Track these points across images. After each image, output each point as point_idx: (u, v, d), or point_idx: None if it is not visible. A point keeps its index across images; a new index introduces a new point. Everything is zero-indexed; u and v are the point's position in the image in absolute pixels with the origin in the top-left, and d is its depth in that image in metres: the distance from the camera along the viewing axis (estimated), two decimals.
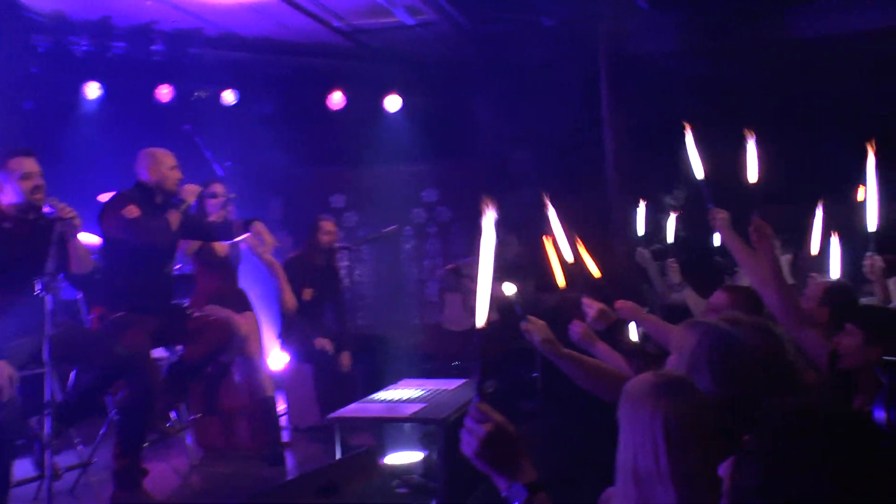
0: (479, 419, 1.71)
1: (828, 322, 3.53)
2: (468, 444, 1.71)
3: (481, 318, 1.72)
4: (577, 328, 3.34)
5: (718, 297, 3.40)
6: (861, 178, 4.23)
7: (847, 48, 7.54)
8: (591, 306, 3.39)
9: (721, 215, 3.47)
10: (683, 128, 3.63)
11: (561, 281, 3.57)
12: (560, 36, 7.07)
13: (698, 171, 3.50)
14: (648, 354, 3.27)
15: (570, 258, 3.48)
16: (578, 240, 3.62)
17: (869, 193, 4.25)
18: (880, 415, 0.77)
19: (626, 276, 6.05)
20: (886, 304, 4.23)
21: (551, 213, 3.46)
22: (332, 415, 4.62)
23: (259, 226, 5.32)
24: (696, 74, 7.58)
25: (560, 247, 3.48)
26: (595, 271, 3.67)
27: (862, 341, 2.94)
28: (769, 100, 8.26)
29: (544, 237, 3.61)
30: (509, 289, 3.15)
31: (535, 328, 3.15)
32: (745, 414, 2.36)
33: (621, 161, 6.63)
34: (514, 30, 7.61)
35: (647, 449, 1.95)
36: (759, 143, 3.40)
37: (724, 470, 1.49)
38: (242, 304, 5.79)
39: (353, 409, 4.74)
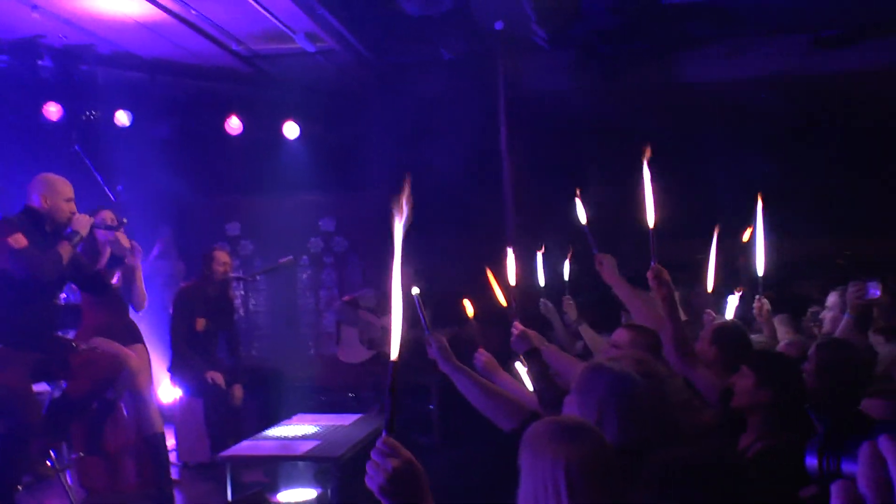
0: (387, 454, 1.68)
1: (714, 361, 3.65)
2: (373, 479, 1.67)
3: (395, 351, 1.71)
4: (481, 357, 3.35)
5: (620, 335, 3.44)
6: (749, 220, 4.45)
7: (731, 94, 7.97)
8: (517, 327, 3.41)
9: (606, 261, 3.54)
10: (578, 167, 3.73)
11: (503, 301, 3.62)
12: (459, 70, 7.17)
13: (582, 217, 3.57)
14: (554, 384, 3.30)
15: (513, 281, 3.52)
16: (488, 270, 3.66)
17: (757, 238, 4.46)
18: (812, 462, 0.79)
19: (527, 312, 6.13)
20: (774, 343, 4.43)
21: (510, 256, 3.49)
22: (224, 453, 4.49)
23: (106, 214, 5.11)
24: (592, 113, 7.84)
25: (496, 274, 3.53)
26: (502, 300, 3.71)
27: (753, 383, 3.04)
28: (660, 141, 8.61)
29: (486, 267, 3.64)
30: (414, 290, 3.15)
31: (436, 337, 3.17)
32: (645, 460, 2.41)
33: (520, 196, 6.75)
34: (414, 62, 7.66)
35: (549, 494, 1.95)
36: (652, 184, 3.49)
37: None
38: (132, 337, 5.52)
39: (245, 447, 4.61)
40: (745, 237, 4.99)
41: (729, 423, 3.23)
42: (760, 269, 4.45)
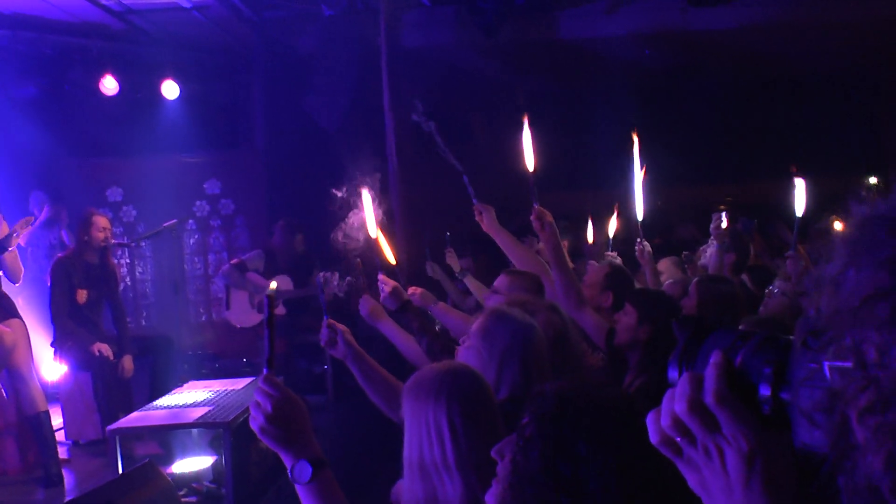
0: (266, 392, 1.67)
1: (612, 305, 3.79)
2: (255, 419, 1.67)
3: (272, 285, 1.73)
4: (366, 304, 3.34)
5: (501, 280, 3.49)
6: (614, 170, 4.59)
7: (610, 50, 8.16)
8: (387, 283, 3.41)
9: (486, 211, 3.60)
10: (462, 121, 3.74)
11: (392, 260, 3.60)
12: (340, 26, 7.04)
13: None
14: (437, 335, 3.35)
15: (373, 232, 3.50)
16: (378, 227, 3.64)
17: (635, 184, 4.61)
18: (672, 374, 0.83)
19: (415, 268, 6.18)
20: (658, 284, 4.63)
21: (366, 198, 3.45)
22: (112, 426, 4.37)
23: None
24: (474, 68, 7.88)
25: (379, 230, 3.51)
26: (391, 258, 3.71)
27: (635, 320, 3.19)
28: (541, 95, 8.77)
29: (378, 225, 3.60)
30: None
31: (336, 326, 3.09)
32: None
33: (403, 151, 6.75)
34: (294, 17, 7.47)
35: (433, 440, 1.98)
36: (533, 136, 3.55)
37: (496, 453, 1.55)
38: (7, 311, 5.24)
39: (134, 419, 4.50)
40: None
41: (614, 363, 3.38)
42: (640, 214, 4.62)
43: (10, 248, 5.19)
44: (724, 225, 4.53)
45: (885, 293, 0.60)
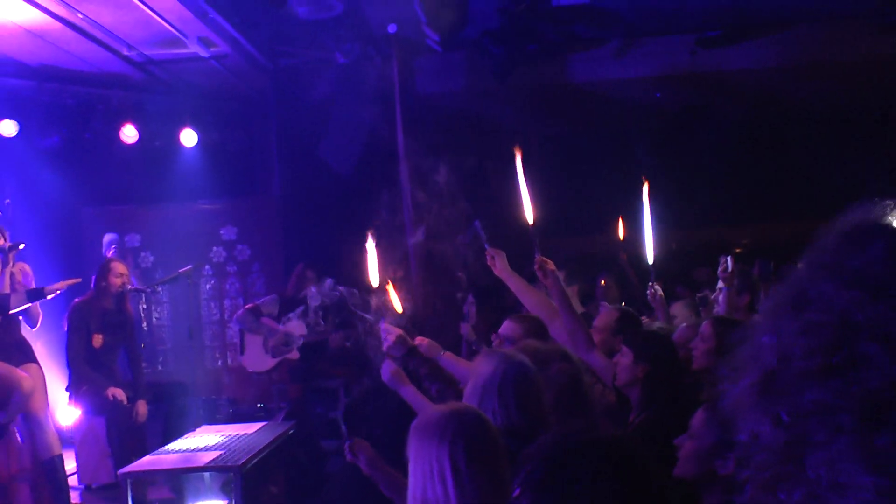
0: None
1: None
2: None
3: None
4: (388, 368, 3.34)
5: (507, 326, 3.53)
6: (626, 213, 4.62)
7: (619, 93, 8.23)
8: (391, 332, 3.42)
9: (497, 256, 3.63)
10: (475, 166, 3.79)
11: (399, 307, 3.62)
12: (354, 73, 7.17)
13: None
14: (447, 379, 3.35)
15: (375, 282, 3.52)
16: (386, 275, 3.67)
17: (645, 228, 4.64)
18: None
19: (429, 316, 6.20)
20: (671, 328, 4.61)
21: (370, 246, 3.49)
22: (123, 469, 4.37)
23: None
24: (485, 113, 7.96)
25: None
26: (398, 307, 3.72)
27: (631, 360, 3.21)
28: (548, 139, 8.83)
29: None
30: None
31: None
32: (530, 441, 2.48)
33: (418, 197, 6.81)
34: (309, 65, 7.62)
35: (436, 479, 1.99)
36: (542, 180, 3.61)
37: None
38: (24, 356, 5.30)
39: (145, 463, 4.51)
40: (621, 233, 5.17)
41: (622, 402, 3.38)
42: (650, 258, 4.64)
43: (47, 297, 5.26)
44: (730, 268, 4.52)
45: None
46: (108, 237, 7.38)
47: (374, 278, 3.50)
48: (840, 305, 0.68)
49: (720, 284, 4.82)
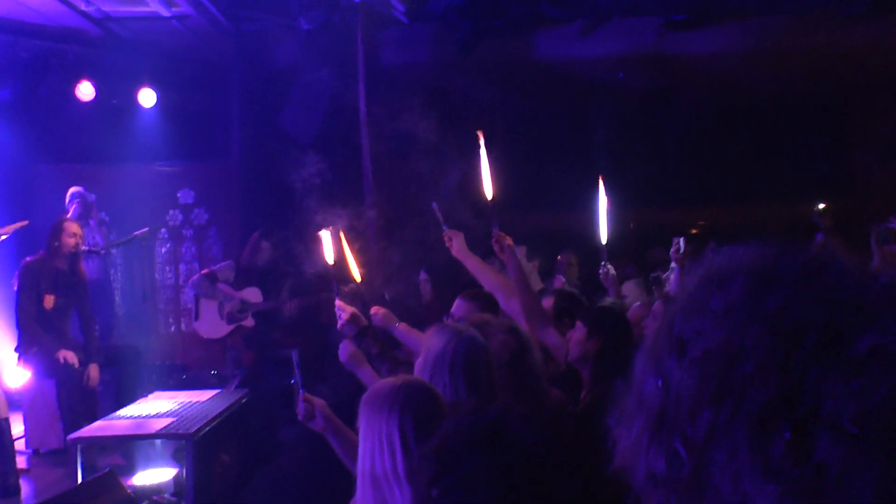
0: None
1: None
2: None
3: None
4: (346, 349, 3.33)
5: (458, 305, 3.56)
6: (588, 191, 4.67)
7: (585, 71, 8.25)
8: (345, 310, 3.42)
9: (455, 236, 3.64)
10: (438, 139, 3.78)
11: (357, 276, 3.60)
12: (318, 40, 7.07)
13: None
14: (397, 360, 3.37)
15: (331, 259, 3.50)
16: (345, 242, 3.65)
17: (599, 210, 4.71)
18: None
19: (382, 285, 6.20)
20: (624, 307, 4.69)
21: (325, 235, 3.46)
22: (73, 435, 4.33)
23: None
24: (450, 87, 7.91)
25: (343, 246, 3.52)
26: (357, 275, 3.71)
27: (584, 334, 3.24)
28: (512, 115, 8.83)
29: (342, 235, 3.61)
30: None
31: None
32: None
33: (379, 167, 6.77)
34: (272, 30, 7.49)
35: (385, 451, 2.01)
36: (505, 156, 3.62)
37: None
38: None
39: (96, 428, 4.47)
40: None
41: (572, 380, 3.43)
42: (604, 238, 4.72)
43: None
44: (682, 249, 4.61)
45: None
46: (72, 190, 7.16)
47: (328, 253, 3.48)
48: (713, 338, 0.73)
49: (673, 265, 4.92)
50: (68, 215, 6.55)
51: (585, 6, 6.96)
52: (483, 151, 3.55)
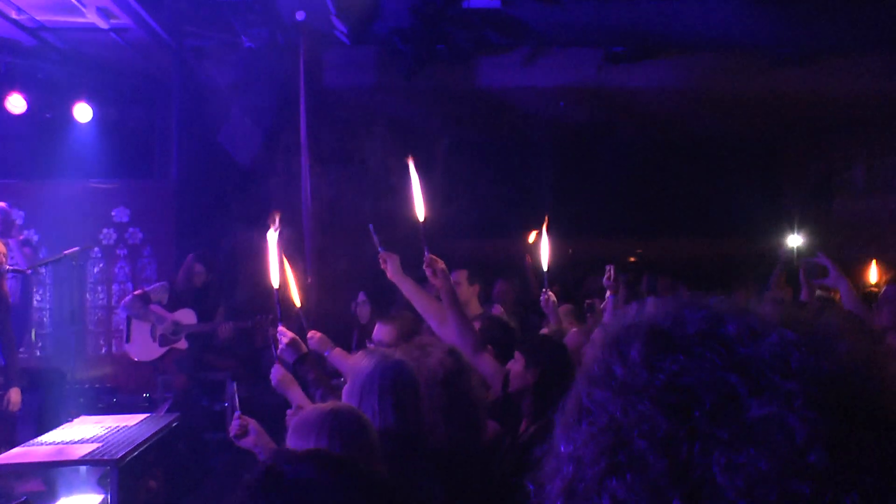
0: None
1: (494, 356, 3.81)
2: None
3: None
4: (277, 372, 3.28)
5: (380, 330, 3.54)
6: (527, 219, 4.73)
7: (525, 101, 8.36)
8: (285, 335, 3.38)
9: (390, 259, 3.61)
10: (379, 164, 3.76)
11: (298, 302, 3.56)
12: (260, 59, 7.00)
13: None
14: (331, 387, 3.32)
15: (276, 283, 3.45)
16: (289, 267, 3.61)
17: (542, 241, 4.81)
18: None
19: (320, 306, 6.13)
20: (562, 332, 4.71)
21: (272, 237, 3.42)
22: None
23: None
24: (391, 112, 7.91)
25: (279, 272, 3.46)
26: (297, 300, 3.67)
27: (523, 365, 3.22)
28: (459, 142, 8.88)
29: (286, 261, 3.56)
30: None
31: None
32: (411, 444, 2.49)
33: (318, 189, 6.70)
34: (214, 47, 7.39)
35: None
36: (447, 182, 3.63)
37: None
38: None
39: (14, 455, 4.28)
40: (532, 238, 5.31)
41: (509, 410, 3.41)
42: (545, 265, 4.79)
43: None
44: (612, 276, 4.70)
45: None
46: None
47: (273, 273, 3.42)
48: (612, 410, 0.75)
49: (608, 293, 4.98)
50: None
51: (528, 35, 7.04)
52: (413, 174, 3.54)
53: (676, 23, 6.83)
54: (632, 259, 10.66)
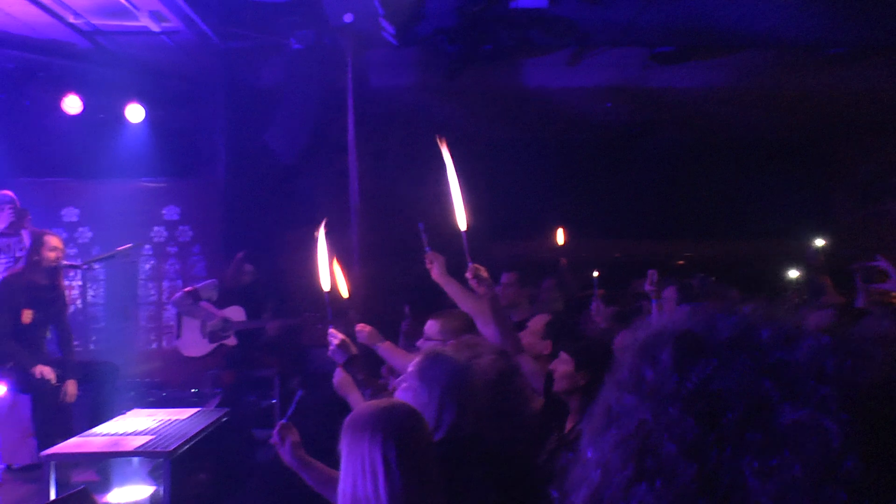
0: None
1: (551, 353, 3.84)
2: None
3: None
4: (338, 375, 3.32)
5: (431, 325, 3.54)
6: (569, 220, 4.73)
7: (570, 101, 8.33)
8: (335, 336, 3.41)
9: (436, 260, 3.64)
10: (423, 164, 3.77)
11: (345, 294, 3.60)
12: (307, 60, 7.10)
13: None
14: (380, 387, 3.36)
15: (326, 285, 3.49)
16: (337, 262, 3.65)
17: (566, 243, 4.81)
18: None
19: (368, 303, 6.19)
20: (611, 334, 4.71)
21: (321, 240, 3.46)
22: (46, 452, 4.27)
23: None
24: (436, 112, 7.94)
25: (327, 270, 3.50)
26: (345, 293, 3.70)
27: (572, 368, 3.24)
28: (502, 141, 8.89)
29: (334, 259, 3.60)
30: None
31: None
32: (467, 445, 2.51)
33: (365, 189, 6.77)
34: (261, 48, 7.52)
35: (367, 475, 2.00)
36: (488, 183, 3.63)
37: None
38: None
39: (71, 445, 4.41)
40: (560, 239, 5.31)
41: (555, 407, 3.42)
42: (595, 272, 4.79)
43: None
44: (654, 281, 4.68)
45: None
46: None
47: (324, 275, 3.46)
48: (641, 415, 0.76)
49: (666, 294, 4.97)
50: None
51: (573, 34, 7.03)
52: (454, 184, 3.54)
53: (723, 21, 6.76)
54: (680, 262, 10.54)
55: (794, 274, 7.58)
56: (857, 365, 0.71)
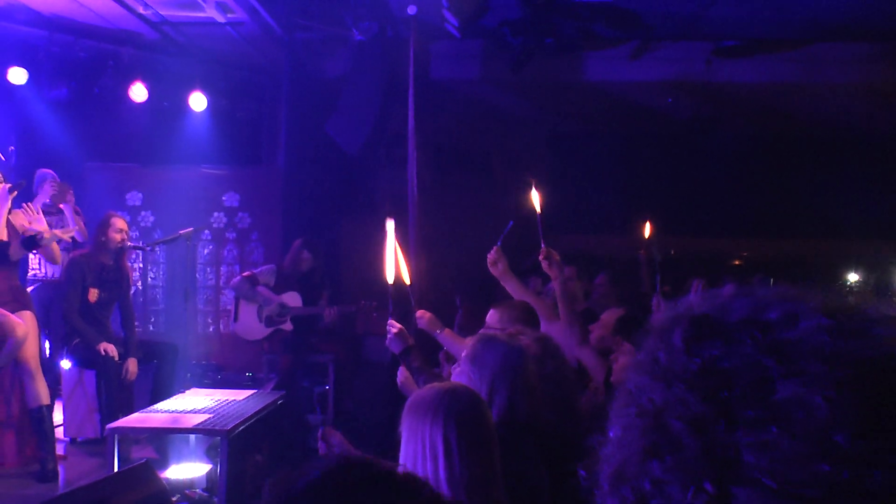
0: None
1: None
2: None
3: None
4: (402, 374, 3.35)
5: (492, 315, 3.53)
6: (630, 215, 4.70)
7: (633, 95, 8.24)
8: (393, 326, 3.43)
9: (501, 259, 3.64)
10: (483, 155, 3.80)
11: (406, 280, 3.62)
12: (370, 51, 7.16)
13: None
14: (435, 375, 3.38)
15: (391, 277, 3.49)
16: (399, 247, 3.67)
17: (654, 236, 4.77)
18: None
19: (422, 293, 6.22)
20: None
21: (390, 231, 3.46)
22: (110, 425, 4.40)
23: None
24: (499, 104, 7.94)
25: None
26: (406, 278, 3.73)
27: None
28: (563, 135, 8.84)
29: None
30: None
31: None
32: (522, 429, 2.52)
33: (424, 182, 6.80)
34: (324, 39, 7.61)
35: (427, 457, 2.01)
36: (546, 175, 3.65)
37: None
38: (20, 303, 5.27)
39: (133, 420, 4.53)
40: (647, 233, 5.26)
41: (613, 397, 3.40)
42: (657, 266, 4.76)
43: (42, 246, 5.26)
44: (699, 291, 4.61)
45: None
46: (41, 171, 6.96)
47: (389, 267, 3.47)
48: (651, 394, 0.78)
49: None
50: (36, 200, 6.57)
51: (637, 27, 6.95)
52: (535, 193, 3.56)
53: (788, 13, 6.61)
54: (737, 262, 10.36)
55: (860, 277, 7.37)
56: (854, 344, 0.71)
